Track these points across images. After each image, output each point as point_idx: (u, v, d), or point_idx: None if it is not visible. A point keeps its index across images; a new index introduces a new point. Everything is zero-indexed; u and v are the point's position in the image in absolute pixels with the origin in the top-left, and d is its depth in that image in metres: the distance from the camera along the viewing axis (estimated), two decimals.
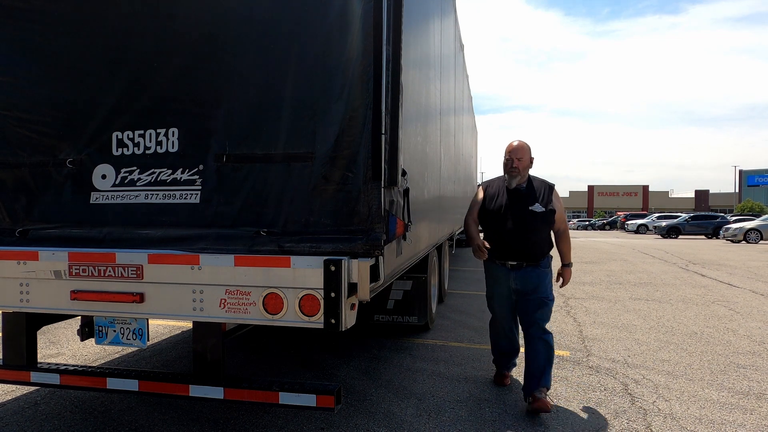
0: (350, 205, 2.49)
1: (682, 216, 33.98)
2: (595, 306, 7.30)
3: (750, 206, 57.59)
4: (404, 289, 4.96)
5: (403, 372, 4.23)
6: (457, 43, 7.66)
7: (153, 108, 2.77)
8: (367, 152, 2.47)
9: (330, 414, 3.33)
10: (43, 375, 2.88)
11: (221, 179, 2.66)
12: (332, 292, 2.30)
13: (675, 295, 8.27)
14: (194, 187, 2.68)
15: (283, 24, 2.61)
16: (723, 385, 3.99)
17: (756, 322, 6.29)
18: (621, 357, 4.74)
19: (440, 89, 5.30)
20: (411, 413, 3.40)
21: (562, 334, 5.58)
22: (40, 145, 2.87)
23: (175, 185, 2.71)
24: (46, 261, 2.66)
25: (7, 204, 2.90)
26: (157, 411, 3.40)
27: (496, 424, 3.24)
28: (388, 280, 2.93)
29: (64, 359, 4.55)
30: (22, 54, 2.91)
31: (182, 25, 2.73)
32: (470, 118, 12.53)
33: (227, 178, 2.65)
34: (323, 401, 2.50)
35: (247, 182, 2.62)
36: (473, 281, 9.65)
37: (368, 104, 2.48)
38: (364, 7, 2.50)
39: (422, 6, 3.95)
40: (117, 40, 2.80)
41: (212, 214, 2.65)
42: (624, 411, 3.46)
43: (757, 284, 9.57)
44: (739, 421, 3.33)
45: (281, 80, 2.61)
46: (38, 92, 2.88)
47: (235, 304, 2.46)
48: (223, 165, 2.65)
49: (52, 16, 2.87)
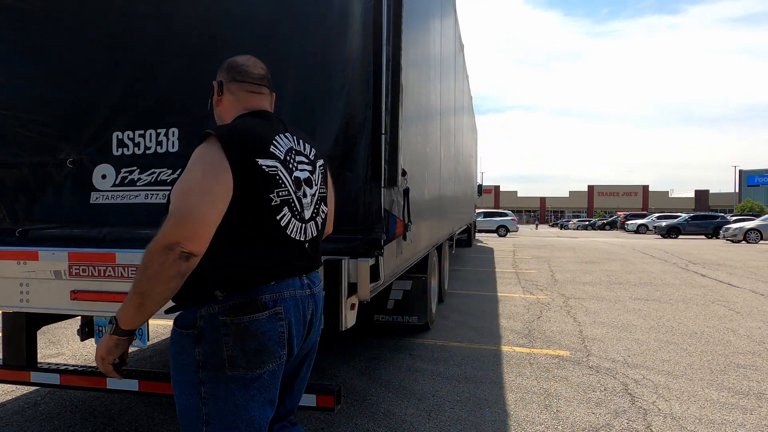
0: (350, 205, 2.49)
1: (682, 216, 33.97)
2: (595, 306, 7.30)
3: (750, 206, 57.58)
4: (404, 289, 4.95)
5: (403, 372, 4.23)
6: (457, 43, 7.66)
7: (153, 108, 2.77)
8: (367, 152, 2.48)
9: (330, 414, 3.33)
10: (43, 375, 2.88)
11: None
12: (332, 291, 2.30)
13: (675, 295, 8.27)
14: None
15: (283, 24, 2.62)
16: (723, 385, 3.99)
17: (756, 322, 6.29)
18: (621, 357, 4.74)
19: (440, 89, 5.31)
20: (411, 413, 3.40)
21: (562, 334, 5.58)
22: (41, 145, 2.86)
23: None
24: (46, 261, 2.66)
25: (7, 204, 2.90)
26: (157, 411, 3.40)
27: (496, 424, 3.24)
28: (388, 280, 2.93)
29: (64, 359, 4.55)
30: (22, 54, 2.91)
31: (182, 25, 2.73)
32: (470, 118, 12.53)
33: None
34: (323, 401, 2.50)
35: None
36: (473, 281, 9.65)
37: (368, 104, 2.48)
38: (364, 7, 2.50)
39: (422, 6, 3.95)
40: (117, 40, 2.80)
41: None
42: (624, 411, 3.46)
43: (757, 284, 9.57)
44: (739, 421, 3.33)
45: (281, 80, 2.61)
46: (38, 92, 2.88)
47: None
48: None
49: (53, 16, 2.87)
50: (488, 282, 9.61)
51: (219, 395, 1.47)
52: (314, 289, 1.69)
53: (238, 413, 1.48)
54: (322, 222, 1.77)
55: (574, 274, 10.99)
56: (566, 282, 9.76)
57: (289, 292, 1.57)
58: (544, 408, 3.51)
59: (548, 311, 6.88)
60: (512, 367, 4.41)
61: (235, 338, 1.47)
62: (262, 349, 1.49)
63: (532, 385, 3.95)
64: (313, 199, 1.70)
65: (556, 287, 9.07)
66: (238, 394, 1.48)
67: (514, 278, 10.22)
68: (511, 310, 6.94)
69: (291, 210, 1.59)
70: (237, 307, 1.48)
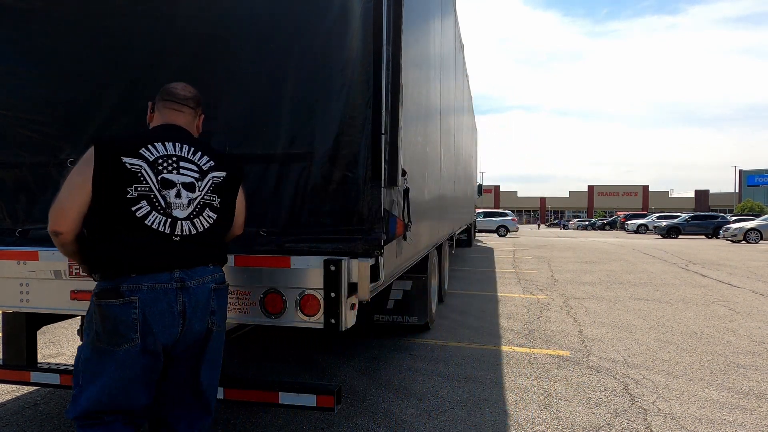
0: (350, 205, 2.49)
1: (682, 216, 33.97)
2: (595, 306, 7.30)
3: (750, 206, 57.58)
4: (404, 289, 4.95)
5: (403, 372, 4.23)
6: (457, 43, 7.66)
7: None
8: (367, 152, 2.47)
9: (330, 414, 3.33)
10: (43, 375, 2.88)
11: None
12: (332, 292, 2.30)
13: (675, 295, 8.27)
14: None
15: (283, 23, 2.61)
16: (723, 385, 3.99)
17: (756, 322, 6.29)
18: (621, 357, 4.74)
19: (440, 89, 5.31)
20: (411, 413, 3.40)
21: (562, 334, 5.58)
22: (41, 145, 2.86)
23: None
24: (46, 261, 2.66)
25: (7, 204, 2.90)
26: None
27: (495, 424, 3.24)
28: (388, 280, 2.93)
29: (64, 359, 4.55)
30: (22, 54, 2.91)
31: (182, 25, 2.73)
32: (470, 118, 12.53)
33: None
34: (323, 401, 2.50)
35: (246, 182, 2.62)
36: (473, 281, 9.65)
37: (368, 104, 2.47)
38: (364, 7, 2.50)
39: (422, 6, 3.95)
40: (117, 40, 2.80)
41: None
42: (624, 411, 3.46)
43: (757, 284, 9.57)
44: (739, 421, 3.33)
45: (281, 80, 2.61)
46: (39, 92, 2.88)
47: (235, 304, 2.46)
48: None
49: (53, 16, 2.87)
50: (488, 282, 9.61)
51: (89, 358, 1.92)
52: (188, 283, 1.93)
53: (98, 376, 1.88)
54: (209, 225, 2.00)
55: (574, 274, 10.99)
56: (566, 282, 9.76)
57: (149, 284, 1.86)
58: (544, 408, 3.51)
59: (548, 311, 6.88)
60: (512, 367, 4.41)
61: (99, 317, 1.87)
62: (115, 330, 1.84)
63: (532, 385, 3.95)
64: (194, 202, 1.96)
65: (556, 287, 9.07)
66: (99, 361, 1.89)
67: (514, 278, 10.22)
68: (511, 310, 6.94)
69: (151, 204, 1.87)
70: (102, 293, 1.87)
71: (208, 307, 2.00)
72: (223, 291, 2.10)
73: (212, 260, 2.05)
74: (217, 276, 2.07)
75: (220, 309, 2.07)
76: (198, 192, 1.98)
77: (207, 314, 2.00)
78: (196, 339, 1.99)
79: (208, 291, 2.00)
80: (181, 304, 1.91)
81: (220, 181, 2.05)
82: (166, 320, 1.88)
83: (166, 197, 1.90)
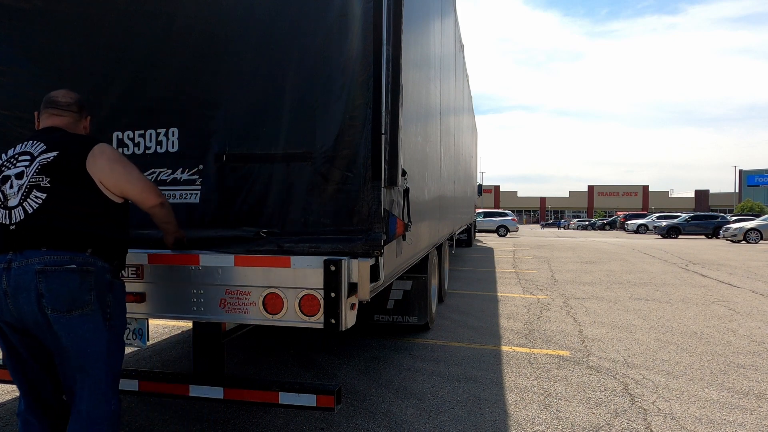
0: (350, 205, 2.49)
1: (682, 216, 33.96)
2: (595, 306, 7.30)
3: (750, 206, 57.58)
4: (404, 289, 4.96)
5: (403, 372, 4.23)
6: (457, 43, 7.66)
7: (153, 108, 2.77)
8: (367, 152, 2.47)
9: (330, 414, 3.33)
10: None
11: (221, 179, 2.65)
12: (332, 292, 2.29)
13: (675, 295, 8.27)
14: (194, 187, 2.69)
15: (283, 23, 2.61)
16: (723, 385, 3.99)
17: (756, 322, 6.29)
18: (621, 357, 4.74)
19: (440, 89, 5.31)
20: (411, 413, 3.40)
21: (562, 334, 5.58)
22: None
23: (175, 185, 2.71)
24: None
25: None
26: (157, 411, 3.40)
27: (495, 424, 3.24)
28: (388, 280, 2.93)
29: None
30: (22, 54, 2.91)
31: (182, 24, 2.73)
32: (470, 118, 12.53)
33: (227, 178, 2.65)
34: (323, 401, 2.50)
35: (246, 182, 2.62)
36: (473, 281, 9.65)
37: (368, 104, 2.48)
38: (364, 7, 2.50)
39: (422, 6, 3.95)
40: (117, 40, 2.80)
41: (212, 214, 2.65)
42: (624, 411, 3.46)
43: (757, 284, 9.57)
44: (739, 421, 3.33)
45: (281, 80, 2.61)
46: (39, 92, 2.87)
47: (235, 304, 2.46)
48: (222, 165, 2.65)
49: (53, 16, 2.87)
50: (488, 282, 9.61)
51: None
52: (13, 264, 2.00)
53: None
54: (38, 206, 2.04)
55: (574, 274, 10.98)
56: (566, 282, 9.76)
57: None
58: (544, 408, 3.51)
59: (548, 311, 6.88)
60: (512, 367, 4.41)
61: None
62: None
63: (532, 385, 3.95)
64: (22, 188, 2.05)
65: (556, 287, 9.07)
66: None
67: (514, 278, 10.22)
68: (511, 310, 6.94)
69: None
70: None
71: (32, 289, 1.96)
72: (59, 274, 1.99)
73: (46, 244, 2.01)
74: (49, 259, 2.00)
75: (50, 293, 1.98)
76: (25, 178, 2.07)
77: (33, 296, 1.96)
78: (35, 321, 2.01)
79: (32, 273, 1.97)
80: (4, 284, 2.00)
81: (48, 161, 2.08)
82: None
83: (4, 191, 2.07)
